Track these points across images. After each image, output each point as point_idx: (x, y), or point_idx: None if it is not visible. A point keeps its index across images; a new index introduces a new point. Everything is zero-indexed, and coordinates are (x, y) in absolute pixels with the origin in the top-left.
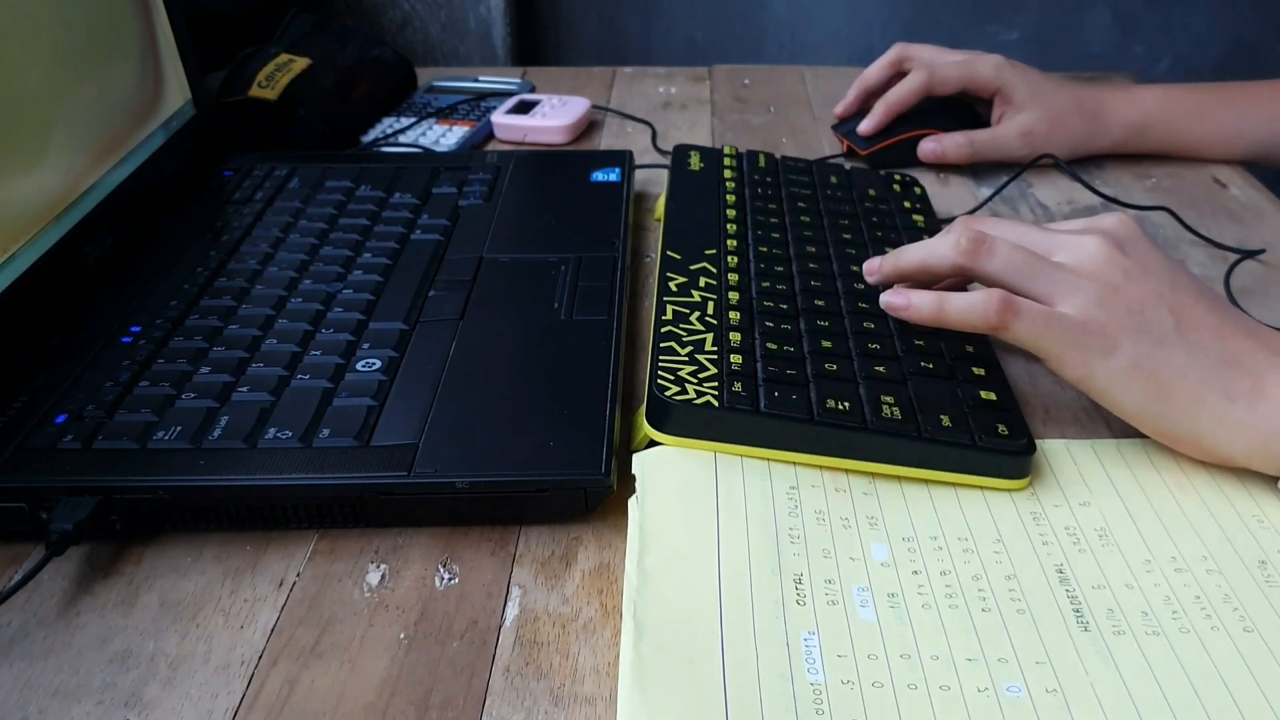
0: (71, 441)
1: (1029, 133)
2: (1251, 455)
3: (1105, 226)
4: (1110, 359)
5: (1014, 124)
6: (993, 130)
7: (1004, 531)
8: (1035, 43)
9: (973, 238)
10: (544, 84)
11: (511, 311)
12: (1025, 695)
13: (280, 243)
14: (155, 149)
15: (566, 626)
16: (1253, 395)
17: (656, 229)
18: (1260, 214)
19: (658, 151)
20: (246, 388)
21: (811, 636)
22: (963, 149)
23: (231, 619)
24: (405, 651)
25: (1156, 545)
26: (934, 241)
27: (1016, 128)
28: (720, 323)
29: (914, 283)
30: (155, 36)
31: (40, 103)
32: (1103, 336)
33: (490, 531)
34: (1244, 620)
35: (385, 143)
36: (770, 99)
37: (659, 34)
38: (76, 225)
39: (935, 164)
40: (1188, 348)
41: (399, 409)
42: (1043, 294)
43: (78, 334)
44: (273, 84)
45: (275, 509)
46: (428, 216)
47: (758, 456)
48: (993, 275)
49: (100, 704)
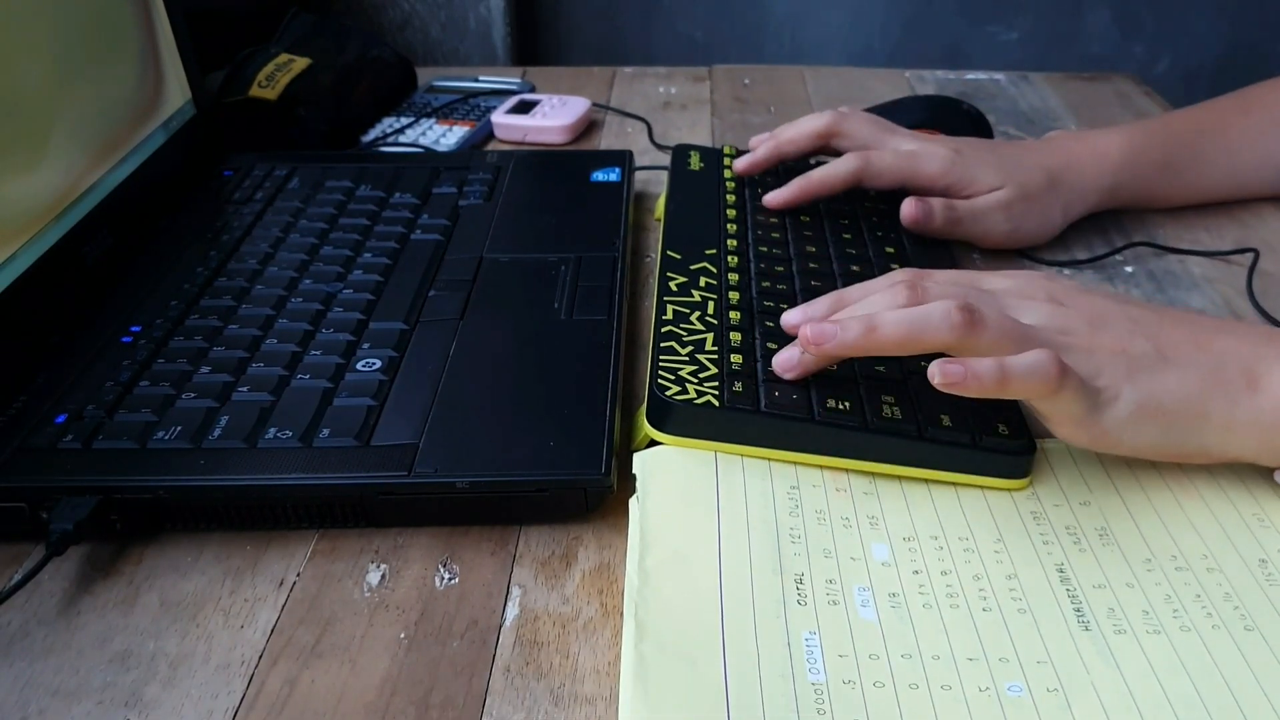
0: (71, 441)
1: (1009, 207)
2: (1259, 452)
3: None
4: (1115, 409)
5: (993, 199)
6: (971, 203)
7: (1005, 531)
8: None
9: (962, 309)
10: (544, 84)
11: (511, 311)
12: (1026, 694)
13: (280, 242)
14: (155, 149)
15: (566, 626)
16: (1250, 391)
17: (656, 229)
18: (1260, 214)
19: (655, 146)
20: (246, 388)
21: (813, 636)
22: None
23: (231, 619)
24: (405, 651)
25: (1157, 544)
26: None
27: (996, 202)
28: (720, 322)
29: None
30: (155, 36)
31: (40, 103)
32: (1104, 390)
33: (490, 531)
34: (1245, 619)
35: (385, 143)
36: (770, 99)
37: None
38: (76, 225)
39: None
40: (1178, 368)
41: (399, 409)
42: None
43: (78, 334)
44: (273, 84)
45: (275, 509)
46: (428, 216)
47: (758, 456)
48: (985, 349)
49: (100, 704)
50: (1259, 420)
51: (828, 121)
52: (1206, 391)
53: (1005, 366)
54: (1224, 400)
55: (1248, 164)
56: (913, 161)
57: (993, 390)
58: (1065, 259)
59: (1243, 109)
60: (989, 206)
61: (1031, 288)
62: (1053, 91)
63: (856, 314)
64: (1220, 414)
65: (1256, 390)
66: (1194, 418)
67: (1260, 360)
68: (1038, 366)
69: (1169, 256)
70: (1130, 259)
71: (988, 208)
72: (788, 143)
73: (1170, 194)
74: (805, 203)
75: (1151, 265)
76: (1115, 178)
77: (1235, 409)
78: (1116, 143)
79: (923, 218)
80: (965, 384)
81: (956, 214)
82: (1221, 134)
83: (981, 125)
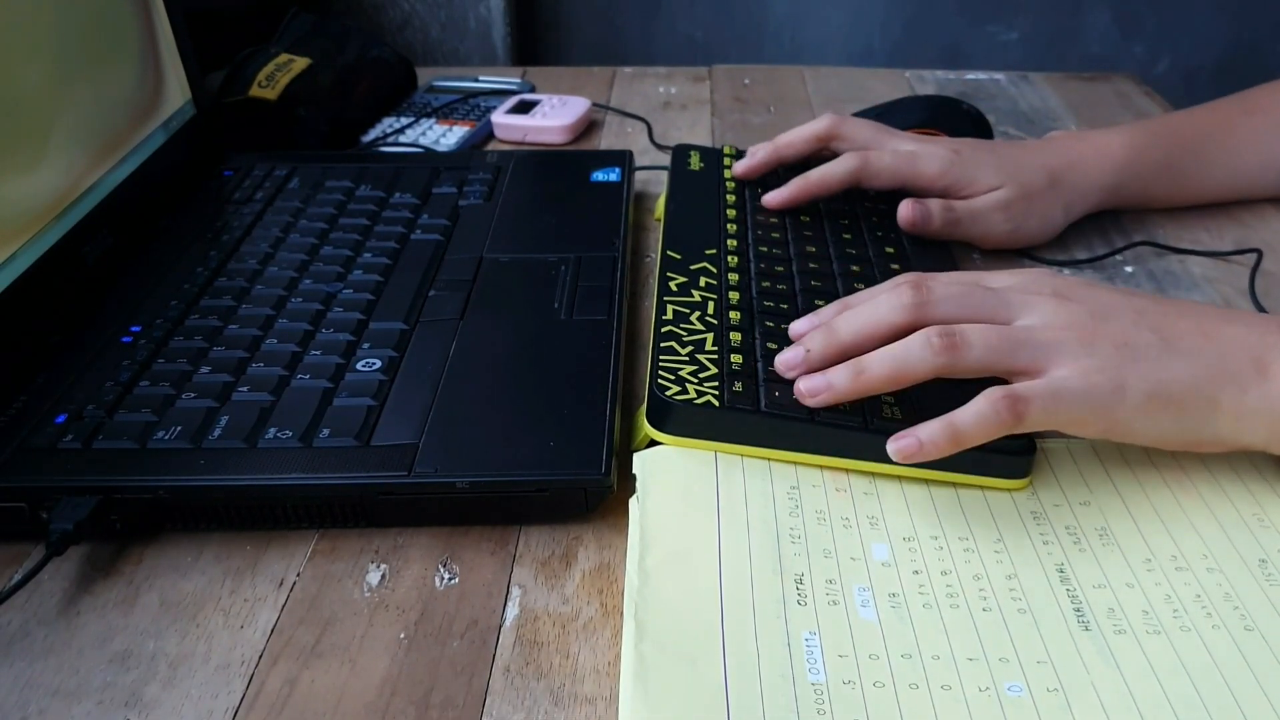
0: (71, 441)
1: (1008, 207)
2: (1270, 439)
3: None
4: (1124, 401)
5: (992, 199)
6: (970, 203)
7: (1005, 531)
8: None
9: (942, 334)
10: (544, 84)
11: (511, 311)
12: (1026, 694)
13: (280, 242)
14: (155, 149)
15: (566, 626)
16: (1259, 378)
17: (656, 229)
18: (1262, 214)
19: (655, 146)
20: (246, 387)
21: (813, 636)
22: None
23: (231, 619)
24: (405, 651)
25: (1157, 544)
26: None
27: (995, 202)
28: (720, 322)
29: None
30: (155, 36)
31: (40, 103)
32: (1108, 383)
33: (490, 531)
34: (1245, 619)
35: (385, 143)
36: (770, 99)
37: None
38: (77, 225)
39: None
40: (1184, 357)
41: (399, 409)
42: (1028, 365)
43: (78, 334)
44: (273, 84)
45: (275, 509)
46: (428, 216)
47: (758, 456)
48: (975, 366)
49: (100, 704)
50: (1269, 407)
51: (827, 125)
52: (1215, 379)
53: (954, 426)
54: (1233, 387)
55: (1250, 166)
56: (912, 162)
57: (949, 450)
58: (1065, 259)
59: (1246, 110)
60: (988, 207)
61: (1037, 284)
62: (1053, 91)
63: (858, 319)
64: (1231, 401)
65: (1266, 377)
66: (1204, 405)
67: (1269, 348)
68: (986, 414)
69: (1170, 257)
70: (1131, 259)
71: (987, 208)
72: (786, 146)
73: (1172, 194)
74: (804, 202)
75: (1152, 265)
76: (1117, 177)
77: (1245, 396)
78: (1119, 142)
79: (920, 220)
80: (922, 453)
81: (955, 215)
82: (1225, 135)
83: (981, 125)
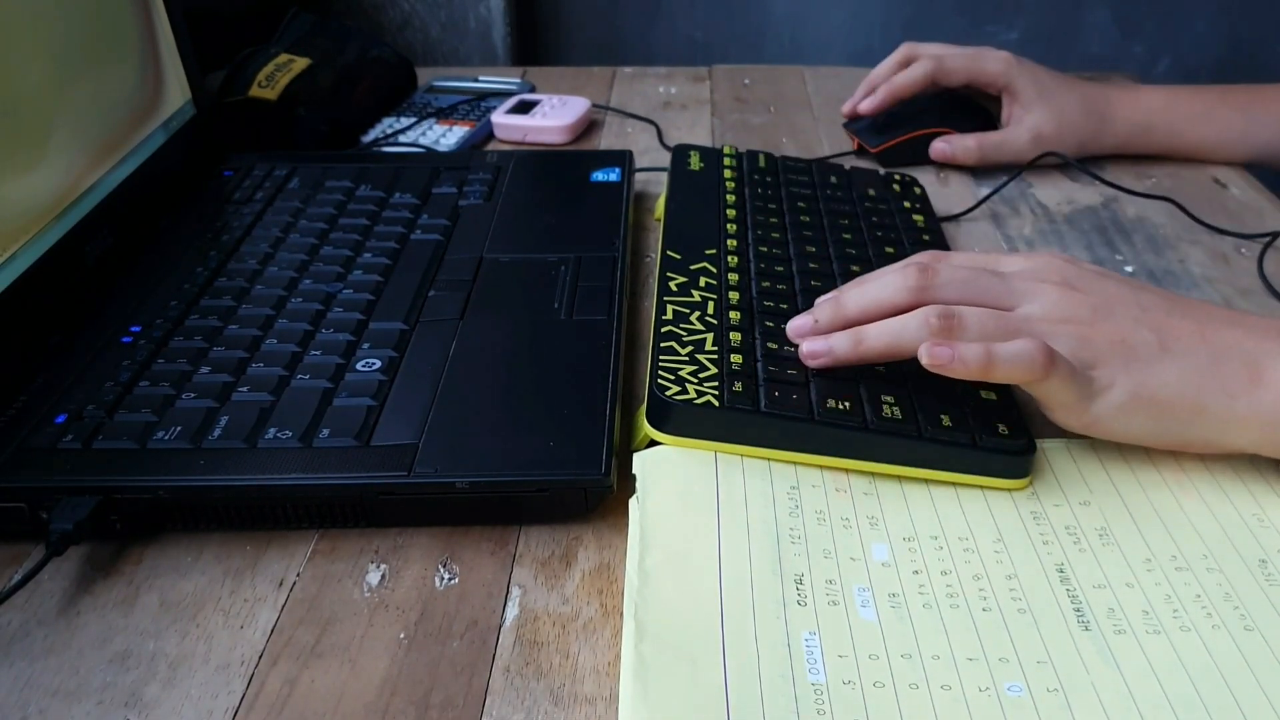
0: (71, 441)
1: (1038, 135)
2: (1260, 444)
3: (1049, 270)
4: (1108, 396)
5: (1023, 126)
6: (1002, 133)
7: (1004, 531)
8: (1035, 43)
9: (941, 314)
10: (544, 84)
11: (511, 311)
12: (1026, 694)
13: (280, 243)
14: (155, 149)
15: (566, 626)
16: (1251, 385)
17: (656, 229)
18: (1260, 214)
19: (664, 147)
20: (246, 388)
21: (813, 637)
22: (971, 153)
23: (231, 619)
24: (405, 651)
25: (1157, 544)
26: (898, 326)
27: (1026, 130)
28: (720, 322)
29: None
30: (155, 36)
31: (40, 103)
32: (1098, 377)
33: (490, 531)
34: (1244, 619)
35: (385, 143)
36: (770, 99)
37: (659, 34)
38: (77, 225)
39: (946, 163)
40: (1177, 360)
41: (399, 409)
42: None
43: (78, 334)
44: (273, 84)
45: (275, 509)
46: (428, 216)
47: (758, 456)
48: None
49: (100, 704)
50: (1259, 414)
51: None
52: (1203, 385)
53: (992, 352)
54: (1222, 395)
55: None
56: (977, 62)
57: (978, 374)
58: None
59: None
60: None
61: (1047, 270)
62: None
63: (865, 296)
64: (1217, 408)
65: (1259, 384)
66: (1188, 410)
67: (1266, 354)
68: (1023, 354)
69: (1169, 256)
70: (1130, 258)
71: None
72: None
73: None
74: (891, 105)
75: (1152, 265)
76: (1150, 118)
77: (1234, 403)
78: (1157, 91)
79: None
80: (951, 366)
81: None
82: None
83: (990, 123)
